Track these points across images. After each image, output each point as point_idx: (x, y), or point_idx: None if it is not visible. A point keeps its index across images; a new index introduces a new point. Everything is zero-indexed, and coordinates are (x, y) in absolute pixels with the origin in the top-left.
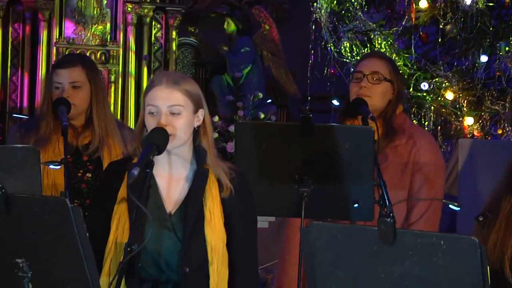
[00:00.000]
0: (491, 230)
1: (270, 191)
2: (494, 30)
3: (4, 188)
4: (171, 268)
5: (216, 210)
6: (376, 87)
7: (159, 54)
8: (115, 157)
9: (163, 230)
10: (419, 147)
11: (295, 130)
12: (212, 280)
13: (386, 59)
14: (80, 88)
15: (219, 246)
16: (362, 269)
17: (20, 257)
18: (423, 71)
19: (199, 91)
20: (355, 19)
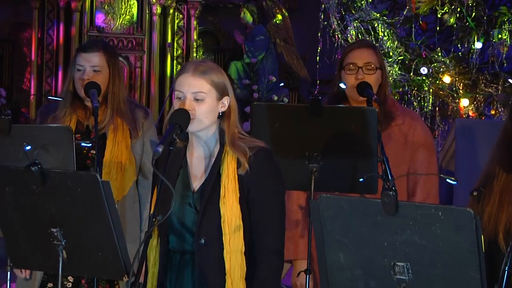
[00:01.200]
0: (486, 205)
1: (282, 166)
2: (488, 18)
3: (40, 164)
4: (193, 239)
5: (230, 187)
6: (371, 77)
7: (181, 41)
8: (120, 135)
9: (186, 205)
10: (414, 127)
11: (306, 111)
12: (225, 251)
13: (374, 48)
14: (100, 72)
15: (231, 220)
16: (367, 238)
17: (54, 226)
18: (423, 57)
19: (225, 80)
20: (361, 9)
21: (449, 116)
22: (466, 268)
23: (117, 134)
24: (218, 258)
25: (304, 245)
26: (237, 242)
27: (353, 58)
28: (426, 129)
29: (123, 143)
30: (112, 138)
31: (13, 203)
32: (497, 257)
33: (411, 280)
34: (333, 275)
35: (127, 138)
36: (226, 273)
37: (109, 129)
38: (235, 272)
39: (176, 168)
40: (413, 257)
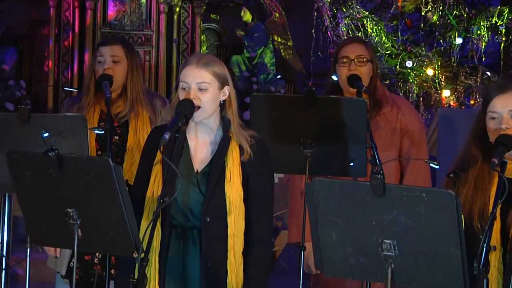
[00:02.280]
0: (461, 188)
1: (279, 152)
2: (468, 16)
3: (57, 150)
4: (195, 217)
5: (235, 171)
6: (362, 69)
7: (187, 37)
8: (140, 122)
9: (190, 185)
10: (404, 113)
11: (301, 101)
12: (229, 229)
13: (365, 43)
14: (119, 63)
15: (236, 201)
16: (357, 218)
17: (70, 207)
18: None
19: (225, 71)
20: (351, 7)
21: (432, 106)
22: (447, 245)
23: (137, 121)
24: (222, 235)
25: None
26: (240, 221)
27: (346, 52)
28: (415, 115)
29: (144, 129)
30: (134, 125)
31: (32, 185)
32: (472, 237)
33: (397, 256)
34: (326, 252)
35: (147, 125)
36: (229, 249)
37: (130, 117)
38: (237, 248)
39: (177, 151)
40: (399, 235)
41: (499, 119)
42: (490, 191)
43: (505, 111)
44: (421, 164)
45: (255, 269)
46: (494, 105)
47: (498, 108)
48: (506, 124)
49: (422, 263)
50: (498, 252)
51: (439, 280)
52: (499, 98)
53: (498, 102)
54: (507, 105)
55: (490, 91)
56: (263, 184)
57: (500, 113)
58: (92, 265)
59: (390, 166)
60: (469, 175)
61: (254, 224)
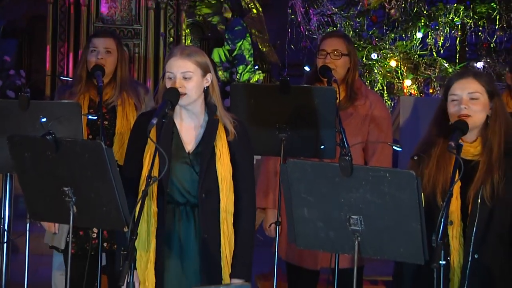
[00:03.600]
0: (425, 168)
1: (257, 136)
2: (427, 13)
3: (54, 134)
4: (190, 194)
5: (224, 150)
6: (337, 61)
7: (172, 31)
8: (127, 108)
9: (184, 165)
10: (373, 104)
11: (276, 90)
12: (222, 202)
13: (344, 37)
14: (111, 54)
15: (227, 177)
16: (327, 195)
17: (66, 186)
18: (373, 45)
19: (207, 60)
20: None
21: (395, 94)
22: (408, 220)
23: (124, 107)
24: (215, 208)
25: (274, 197)
26: (230, 195)
27: (324, 45)
28: (383, 107)
29: (130, 114)
30: (121, 110)
31: (31, 166)
32: (434, 213)
33: (363, 230)
34: (298, 227)
35: (133, 110)
36: (222, 221)
37: (117, 103)
38: (228, 220)
39: (168, 135)
40: (365, 211)
41: (459, 101)
42: (451, 170)
43: (464, 93)
44: (385, 147)
45: (244, 236)
46: (455, 89)
47: (458, 91)
48: (465, 105)
49: (385, 237)
50: (458, 226)
51: (401, 252)
52: (459, 82)
53: (458, 86)
54: (466, 88)
55: (451, 78)
56: (246, 160)
57: (460, 96)
58: (86, 240)
59: (357, 149)
60: (431, 157)
61: (240, 196)
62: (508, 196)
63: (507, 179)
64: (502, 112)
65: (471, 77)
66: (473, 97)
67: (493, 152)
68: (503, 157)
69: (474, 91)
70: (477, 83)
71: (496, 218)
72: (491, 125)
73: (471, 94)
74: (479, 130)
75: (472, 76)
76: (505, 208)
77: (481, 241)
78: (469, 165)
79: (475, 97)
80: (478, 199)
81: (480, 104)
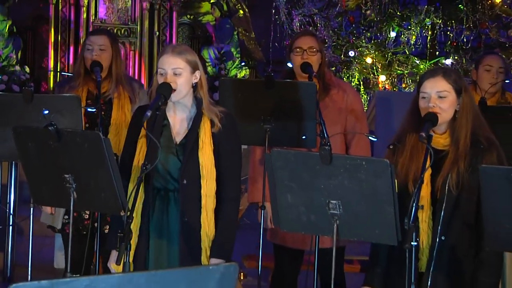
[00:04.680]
0: (399, 157)
1: (243, 127)
2: (400, 14)
3: (56, 125)
4: (175, 181)
5: (207, 141)
6: (313, 58)
7: (165, 30)
8: (122, 100)
9: (170, 154)
10: (348, 95)
11: (261, 84)
12: (202, 190)
13: (315, 36)
14: (105, 50)
15: (208, 166)
16: (308, 182)
17: (67, 173)
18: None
19: (196, 58)
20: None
21: (371, 89)
22: (383, 205)
23: (120, 99)
24: (196, 196)
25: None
26: (211, 183)
27: (299, 43)
28: (357, 97)
29: (126, 106)
30: (117, 103)
31: (34, 155)
32: (406, 198)
33: (341, 214)
34: (282, 211)
35: (128, 103)
36: (202, 207)
37: (114, 96)
38: (209, 206)
39: (159, 126)
40: (343, 197)
41: (428, 99)
42: (422, 159)
43: (433, 92)
44: (363, 138)
45: (225, 220)
46: (425, 87)
47: (428, 89)
48: (433, 103)
49: (362, 220)
50: (428, 210)
51: (376, 234)
52: (429, 81)
53: (428, 84)
54: (435, 87)
55: (423, 75)
56: (232, 151)
57: (429, 94)
58: (80, 221)
59: (336, 139)
60: (405, 146)
61: (224, 184)
62: (472, 184)
63: (472, 169)
64: (470, 107)
65: (440, 76)
66: (441, 96)
67: (460, 144)
68: (469, 148)
69: (443, 90)
70: (446, 82)
71: (461, 204)
72: (459, 119)
73: (439, 92)
74: (448, 123)
75: (441, 75)
76: (470, 195)
77: (448, 224)
78: (439, 155)
79: (443, 95)
80: (445, 187)
81: (447, 102)
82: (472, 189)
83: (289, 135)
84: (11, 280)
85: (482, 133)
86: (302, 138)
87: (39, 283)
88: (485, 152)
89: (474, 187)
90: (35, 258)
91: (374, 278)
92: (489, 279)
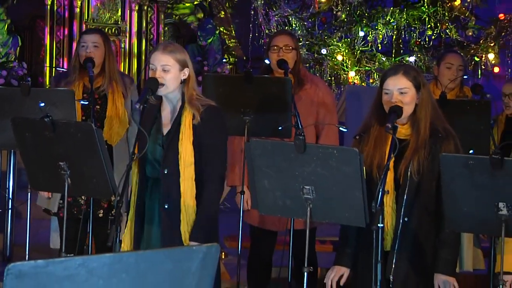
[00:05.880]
0: (364, 146)
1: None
2: (368, 15)
3: (51, 116)
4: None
5: (187, 133)
6: (288, 55)
7: (153, 30)
8: (116, 95)
9: (156, 145)
10: (320, 89)
11: (241, 80)
12: (181, 177)
13: (291, 34)
14: (98, 48)
15: (186, 156)
16: (284, 169)
17: (62, 161)
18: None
19: (185, 56)
20: (280, 7)
21: (341, 84)
22: (352, 190)
23: (114, 94)
24: (176, 183)
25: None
26: (190, 172)
27: (276, 41)
28: (328, 91)
29: (119, 101)
30: (111, 97)
31: (31, 144)
32: (371, 184)
33: (314, 198)
34: (260, 196)
35: (121, 98)
36: (182, 193)
37: (108, 91)
38: (187, 193)
39: (151, 119)
40: (316, 182)
41: (390, 95)
42: (385, 148)
43: (395, 89)
44: (332, 128)
45: (205, 205)
46: (387, 84)
47: (390, 86)
48: (395, 99)
49: (333, 204)
50: (392, 195)
51: (346, 216)
52: (391, 78)
53: (390, 81)
54: (396, 84)
55: (386, 73)
56: (213, 141)
57: (391, 90)
58: (74, 205)
59: (309, 129)
60: (370, 136)
61: (206, 172)
62: (432, 171)
63: (432, 156)
64: (428, 100)
65: (400, 74)
66: (402, 92)
67: (419, 134)
68: (429, 138)
69: (403, 87)
70: (406, 79)
71: (422, 189)
72: (418, 112)
73: (400, 89)
74: (409, 116)
75: (402, 73)
76: (430, 181)
77: (410, 207)
78: (402, 144)
79: (404, 91)
80: (408, 173)
81: (408, 97)
82: (432, 175)
83: (267, 126)
84: (10, 260)
85: (440, 123)
86: (279, 128)
87: (36, 262)
88: (443, 141)
89: (434, 174)
90: (32, 239)
91: (344, 258)
92: (449, 257)
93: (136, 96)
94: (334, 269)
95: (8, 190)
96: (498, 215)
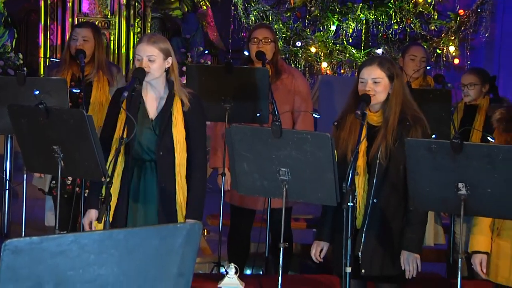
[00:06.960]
0: (341, 132)
1: (207, 106)
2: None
3: (45, 103)
4: (152, 152)
5: (179, 118)
6: (267, 47)
7: (140, 23)
8: (101, 83)
9: (147, 129)
10: (296, 79)
11: (222, 70)
12: (176, 159)
13: (270, 28)
14: (88, 41)
15: (180, 139)
16: (262, 153)
17: (55, 145)
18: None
19: (168, 46)
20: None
21: (315, 74)
22: (325, 173)
23: (99, 82)
24: (171, 164)
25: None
26: (183, 154)
27: (256, 34)
28: (304, 80)
29: (103, 88)
30: (97, 85)
31: (27, 129)
32: (346, 166)
33: (290, 180)
34: (239, 177)
35: (106, 85)
36: (176, 174)
37: (94, 80)
38: (182, 173)
39: (136, 104)
40: (291, 165)
41: (365, 84)
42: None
43: (369, 78)
44: (307, 115)
45: (196, 185)
46: (363, 73)
47: (365, 76)
48: (369, 87)
49: (307, 185)
50: (363, 177)
51: (319, 196)
52: (367, 68)
53: (365, 71)
54: (371, 74)
55: (362, 63)
56: (199, 126)
57: (366, 79)
58: (63, 186)
59: (286, 116)
60: (346, 123)
61: (193, 153)
62: (399, 155)
63: (399, 142)
64: (400, 90)
65: (375, 64)
66: (376, 81)
67: (389, 122)
68: (397, 125)
69: (377, 77)
70: (380, 70)
71: (390, 172)
72: (390, 100)
73: (374, 79)
74: (381, 104)
75: (377, 64)
76: (397, 164)
77: (379, 189)
78: (374, 130)
79: (377, 81)
80: (377, 157)
81: (381, 86)
82: (399, 159)
83: (246, 112)
84: (7, 236)
85: (410, 112)
86: (257, 115)
87: (31, 238)
88: (411, 128)
89: (401, 158)
90: (28, 217)
91: (323, 233)
92: (414, 235)
93: (124, 83)
94: (314, 244)
95: (5, 172)
96: (458, 194)
